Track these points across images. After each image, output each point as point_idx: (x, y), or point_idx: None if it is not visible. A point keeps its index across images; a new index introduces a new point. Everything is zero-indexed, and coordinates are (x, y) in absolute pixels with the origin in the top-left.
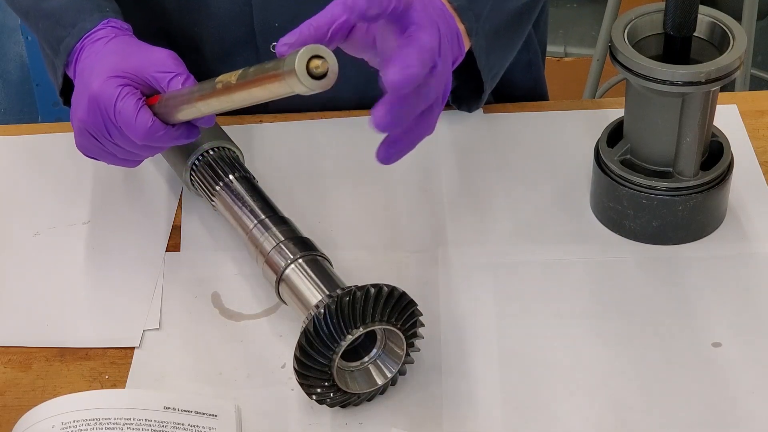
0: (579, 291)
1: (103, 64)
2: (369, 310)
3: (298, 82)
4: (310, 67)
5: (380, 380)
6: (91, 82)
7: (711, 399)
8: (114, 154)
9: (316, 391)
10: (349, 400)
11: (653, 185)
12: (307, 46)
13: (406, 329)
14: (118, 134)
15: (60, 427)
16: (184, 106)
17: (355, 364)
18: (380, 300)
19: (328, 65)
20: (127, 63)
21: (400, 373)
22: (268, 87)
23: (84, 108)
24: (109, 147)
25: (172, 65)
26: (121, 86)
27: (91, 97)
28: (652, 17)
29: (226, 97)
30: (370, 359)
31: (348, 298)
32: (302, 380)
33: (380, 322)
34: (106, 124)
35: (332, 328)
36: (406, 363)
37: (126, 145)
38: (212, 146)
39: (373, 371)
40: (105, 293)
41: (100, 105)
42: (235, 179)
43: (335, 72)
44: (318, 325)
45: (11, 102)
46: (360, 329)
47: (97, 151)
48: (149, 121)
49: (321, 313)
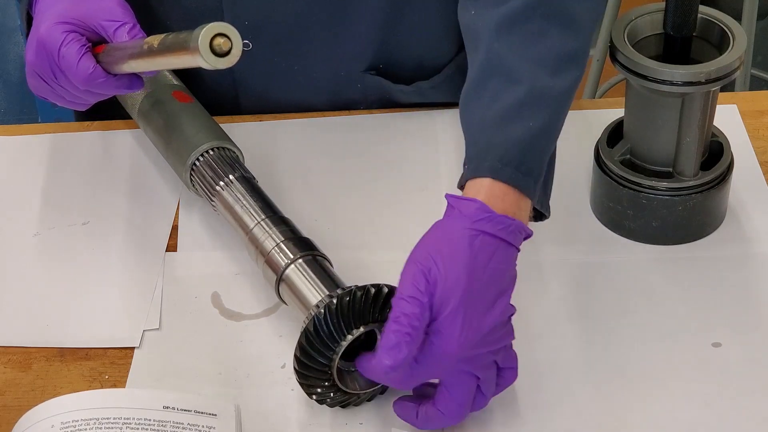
0: (579, 291)
1: (54, 9)
2: (369, 310)
3: (201, 58)
4: (213, 45)
5: None
6: (39, 26)
7: (711, 399)
8: (62, 96)
9: (316, 390)
10: (349, 400)
11: (653, 185)
12: (212, 24)
13: None
14: (63, 78)
15: (60, 426)
16: (120, 60)
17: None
18: (380, 300)
19: (232, 44)
20: (77, 10)
21: None
22: (179, 57)
23: (33, 50)
24: (57, 89)
25: (120, 14)
26: (66, 32)
27: (39, 40)
28: (652, 17)
29: (149, 60)
30: None
31: (348, 298)
32: (302, 380)
33: (380, 321)
34: (51, 68)
35: (332, 328)
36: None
37: (70, 88)
38: (212, 146)
39: None
40: (104, 294)
41: (46, 49)
42: (235, 179)
43: (239, 50)
44: (318, 325)
45: (11, 102)
46: (360, 329)
47: (46, 91)
48: (90, 68)
49: (321, 312)
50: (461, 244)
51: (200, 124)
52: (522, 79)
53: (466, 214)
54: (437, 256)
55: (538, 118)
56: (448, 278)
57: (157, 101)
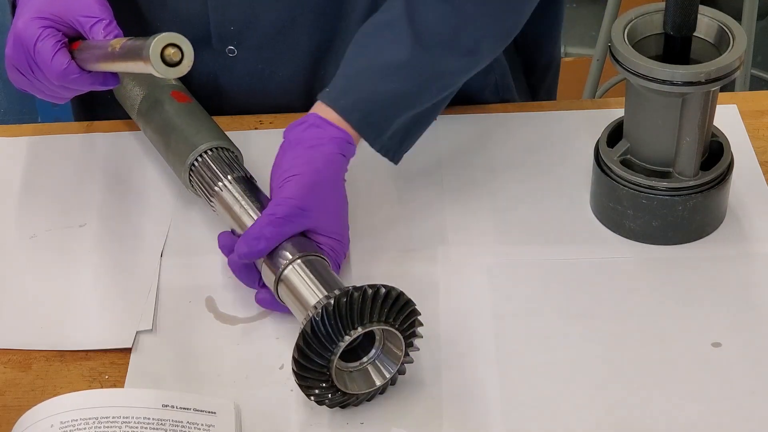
0: (579, 291)
1: (33, 3)
2: (367, 311)
3: (152, 67)
4: (164, 55)
5: (379, 381)
6: (17, 20)
7: (711, 399)
8: (41, 89)
9: (315, 392)
10: (349, 401)
11: (653, 185)
12: (164, 34)
13: (404, 329)
14: (39, 72)
15: (59, 426)
16: (91, 59)
17: (354, 364)
18: (378, 300)
19: (183, 54)
20: (55, 5)
21: (399, 373)
22: (135, 64)
23: (11, 44)
24: (34, 83)
25: (97, 10)
26: (43, 27)
27: (16, 35)
28: (652, 17)
29: (112, 63)
30: (369, 360)
31: (345, 299)
32: (301, 381)
33: (378, 322)
34: (28, 62)
35: (330, 329)
36: (405, 363)
37: (46, 82)
38: (212, 146)
39: (372, 372)
40: (100, 296)
41: (23, 43)
42: (234, 180)
43: (190, 61)
44: (316, 326)
45: (11, 102)
46: (358, 330)
47: (25, 84)
48: (64, 64)
49: (319, 313)
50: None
51: (200, 125)
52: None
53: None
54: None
55: (406, 84)
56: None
57: (156, 101)
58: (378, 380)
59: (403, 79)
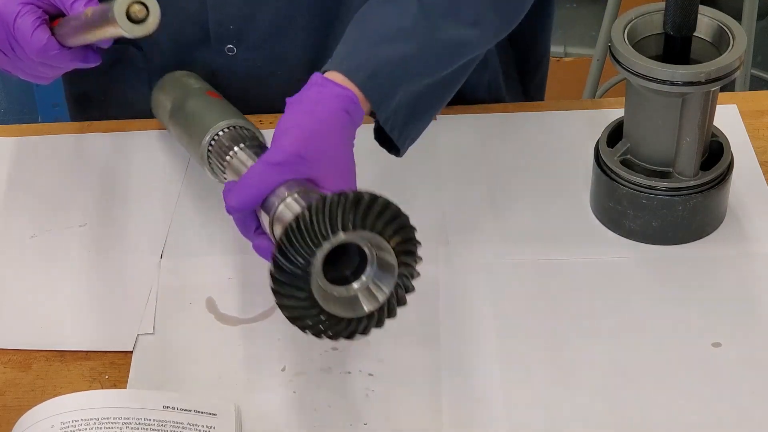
0: (579, 291)
1: None
2: (351, 214)
3: (118, 26)
4: (129, 12)
5: (368, 306)
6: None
7: (711, 399)
8: (22, 69)
9: (291, 303)
10: (335, 328)
11: (653, 185)
12: None
13: (397, 245)
14: (20, 49)
15: (59, 426)
16: (69, 32)
17: (341, 289)
18: (360, 207)
19: (148, 11)
20: None
21: (398, 302)
22: (105, 28)
23: None
24: (15, 61)
25: None
26: (23, 4)
27: None
28: (652, 17)
29: (86, 33)
30: (362, 285)
31: (336, 199)
32: (277, 287)
33: (361, 230)
34: (9, 40)
35: (310, 228)
36: (406, 288)
37: (27, 60)
38: (230, 124)
39: (363, 299)
40: (100, 297)
41: (2, 20)
42: (246, 146)
43: (156, 18)
44: (297, 224)
45: (11, 102)
46: (339, 235)
47: (7, 64)
48: (43, 40)
49: (306, 209)
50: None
51: (227, 109)
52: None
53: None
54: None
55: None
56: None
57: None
58: (367, 306)
59: (407, 42)
